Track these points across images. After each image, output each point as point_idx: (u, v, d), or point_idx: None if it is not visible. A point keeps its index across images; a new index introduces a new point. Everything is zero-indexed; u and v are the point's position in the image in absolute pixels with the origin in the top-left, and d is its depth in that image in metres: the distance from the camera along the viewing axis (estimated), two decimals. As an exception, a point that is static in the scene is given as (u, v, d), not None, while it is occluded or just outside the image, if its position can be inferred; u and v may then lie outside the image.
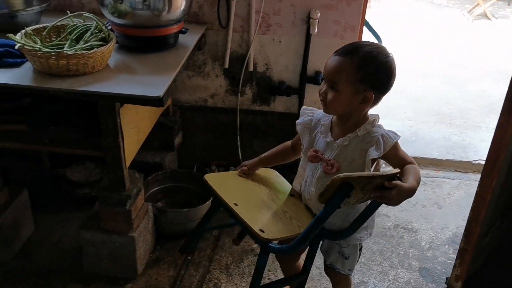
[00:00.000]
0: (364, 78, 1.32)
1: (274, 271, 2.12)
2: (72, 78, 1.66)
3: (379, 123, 1.42)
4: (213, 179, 1.64)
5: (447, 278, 2.09)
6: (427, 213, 2.57)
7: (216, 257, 2.19)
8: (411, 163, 1.39)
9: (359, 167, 1.39)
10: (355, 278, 2.12)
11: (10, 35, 1.63)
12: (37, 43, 1.68)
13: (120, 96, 1.64)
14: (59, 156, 2.52)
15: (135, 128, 1.92)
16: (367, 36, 2.58)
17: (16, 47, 1.61)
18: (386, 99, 1.43)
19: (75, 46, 1.70)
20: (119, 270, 2.02)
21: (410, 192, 1.28)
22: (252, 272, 2.08)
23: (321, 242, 1.67)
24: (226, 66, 2.40)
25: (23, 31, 1.71)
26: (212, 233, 2.32)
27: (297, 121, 1.55)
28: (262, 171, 1.73)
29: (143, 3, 1.77)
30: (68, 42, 1.71)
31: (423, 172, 2.93)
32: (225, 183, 1.64)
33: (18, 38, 1.63)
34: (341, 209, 1.33)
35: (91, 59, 1.65)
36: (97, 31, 1.76)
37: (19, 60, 1.72)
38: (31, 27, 1.75)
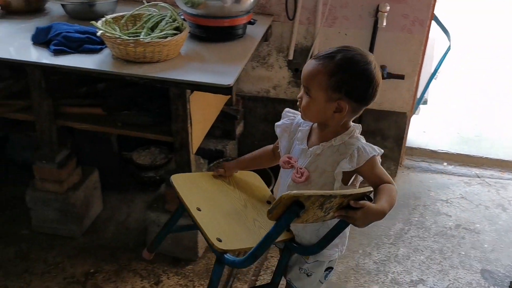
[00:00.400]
0: (338, 86, 1.22)
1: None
2: (148, 65, 1.74)
3: (358, 135, 1.32)
4: (181, 180, 1.52)
5: (511, 282, 2.03)
6: (491, 214, 2.49)
7: (272, 246, 2.23)
8: (389, 182, 1.27)
9: (330, 179, 1.30)
10: (413, 275, 2.10)
11: (93, 22, 1.72)
12: (116, 31, 1.77)
13: (191, 83, 1.70)
14: (126, 140, 2.64)
15: (202, 115, 1.99)
16: (436, 31, 2.52)
17: (98, 33, 1.70)
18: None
19: (151, 34, 1.77)
20: (181, 251, 2.10)
21: (378, 215, 1.19)
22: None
23: None
24: (290, 58, 2.42)
25: (103, 19, 1.80)
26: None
27: (277, 123, 1.46)
28: (242, 175, 1.63)
29: (217, -6, 1.81)
30: (144, 30, 1.79)
31: (487, 172, 2.84)
32: (195, 185, 1.53)
33: (100, 26, 1.73)
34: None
35: (165, 47, 1.73)
36: (171, 20, 1.83)
37: (99, 46, 1.82)
38: (110, 16, 1.84)
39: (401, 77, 2.36)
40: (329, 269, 1.50)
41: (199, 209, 1.42)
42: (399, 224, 2.40)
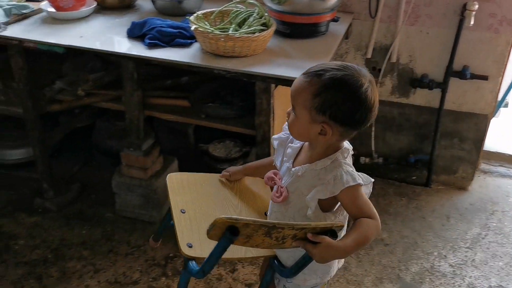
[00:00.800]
0: (322, 108, 1.12)
1: (404, 263, 2.11)
2: (236, 59, 1.80)
3: (343, 160, 1.20)
4: (178, 179, 1.53)
5: None
6: None
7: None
8: (370, 216, 1.15)
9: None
10: (492, 281, 2.04)
11: (189, 18, 1.81)
12: (206, 26, 1.85)
13: (277, 78, 1.75)
14: (202, 132, 2.74)
15: (282, 111, 2.03)
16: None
17: (192, 28, 1.79)
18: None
19: (239, 30, 1.84)
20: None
21: (338, 254, 1.12)
22: (382, 261, 2.10)
23: None
24: (369, 56, 2.42)
25: (195, 14, 1.88)
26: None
27: (274, 136, 1.41)
28: (252, 182, 1.59)
29: (304, -9, 1.85)
30: (233, 26, 1.86)
31: None
32: (191, 186, 1.52)
33: (193, 21, 1.81)
34: None
35: (253, 42, 1.78)
36: (258, 17, 1.88)
37: (189, 41, 1.91)
38: (201, 11, 1.92)
39: (485, 78, 2.29)
40: None
41: (183, 211, 1.41)
42: (476, 229, 2.33)
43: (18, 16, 2.06)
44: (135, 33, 1.96)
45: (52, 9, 2.11)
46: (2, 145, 2.53)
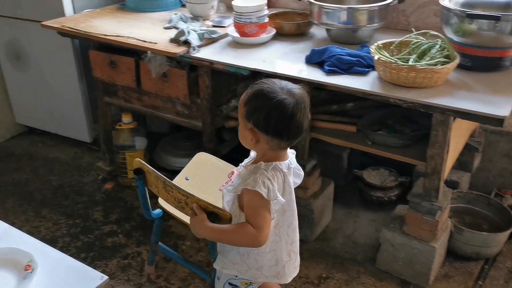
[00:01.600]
0: (247, 115, 1.31)
1: None
2: (415, 90, 1.81)
3: (265, 168, 1.33)
4: (203, 159, 1.92)
5: None
6: None
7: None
8: (254, 225, 1.30)
9: (232, 196, 1.40)
10: None
11: (372, 47, 1.87)
12: (387, 56, 1.89)
13: (457, 110, 1.72)
14: (355, 157, 2.77)
15: (455, 144, 1.98)
16: None
17: (376, 57, 1.84)
18: None
19: (419, 61, 1.85)
20: (411, 275, 2.11)
21: (204, 232, 1.34)
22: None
23: None
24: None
25: (375, 44, 1.94)
26: (505, 263, 2.22)
27: None
28: None
29: (494, 24, 1.80)
30: (413, 57, 1.87)
31: None
32: (210, 167, 1.84)
33: (374, 50, 1.87)
34: None
35: (436, 74, 1.78)
36: (440, 48, 1.87)
37: (367, 69, 1.97)
38: (381, 41, 1.97)
39: None
40: (233, 286, 1.53)
41: (187, 178, 1.75)
42: None
43: (208, 40, 2.31)
44: (313, 60, 2.07)
45: (237, 35, 2.32)
46: (177, 154, 2.82)
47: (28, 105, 3.21)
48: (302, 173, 1.48)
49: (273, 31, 2.36)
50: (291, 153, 1.45)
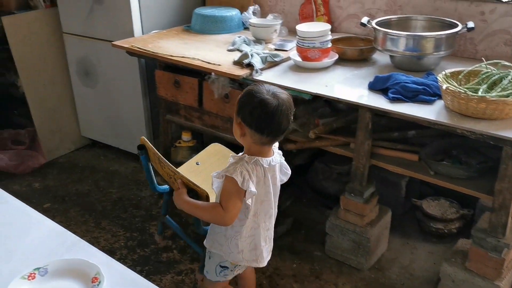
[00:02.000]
0: (238, 110, 1.50)
1: None
2: (485, 121, 1.75)
3: (247, 160, 1.50)
4: (217, 149, 2.11)
5: None
6: None
7: None
8: (223, 206, 1.50)
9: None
10: None
11: (439, 76, 1.84)
12: (456, 86, 1.84)
13: (530, 145, 1.65)
14: (413, 186, 2.70)
15: (525, 178, 1.89)
16: None
17: (444, 87, 1.80)
18: None
19: (489, 92, 1.79)
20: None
21: (180, 202, 1.59)
22: None
23: None
24: None
25: (443, 73, 1.90)
26: None
27: None
28: None
29: None
30: (483, 87, 1.82)
31: None
32: (222, 158, 1.99)
33: (442, 79, 1.83)
34: None
35: (507, 106, 1.72)
36: (512, 79, 1.81)
37: (433, 98, 1.93)
38: (449, 70, 1.93)
39: None
40: (223, 268, 1.72)
41: (198, 163, 2.02)
42: None
43: (270, 63, 2.34)
44: (377, 87, 2.05)
45: (299, 59, 2.34)
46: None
47: (93, 119, 3.36)
48: (289, 171, 1.68)
49: (336, 56, 2.36)
50: (277, 153, 1.62)
